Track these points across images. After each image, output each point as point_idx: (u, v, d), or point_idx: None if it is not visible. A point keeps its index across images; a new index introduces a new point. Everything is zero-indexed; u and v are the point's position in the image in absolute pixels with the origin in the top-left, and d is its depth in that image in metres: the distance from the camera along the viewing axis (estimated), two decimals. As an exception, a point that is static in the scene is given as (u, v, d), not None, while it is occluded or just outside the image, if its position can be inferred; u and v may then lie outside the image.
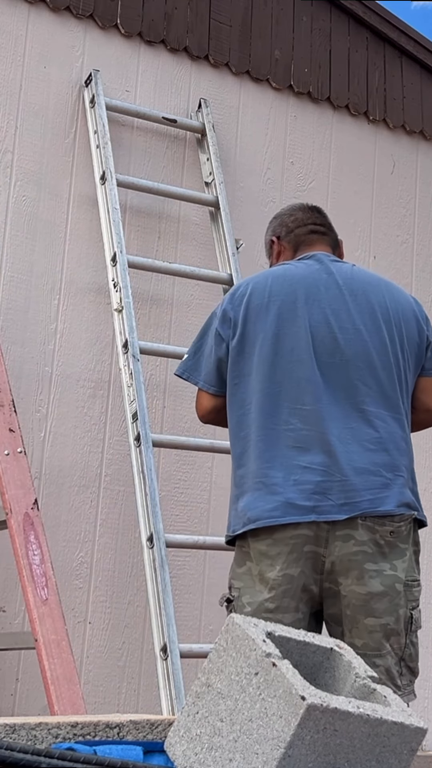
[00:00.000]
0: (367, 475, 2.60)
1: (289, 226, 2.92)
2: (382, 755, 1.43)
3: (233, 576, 2.63)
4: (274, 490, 2.56)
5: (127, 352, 3.47)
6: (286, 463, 2.57)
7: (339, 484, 2.56)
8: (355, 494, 2.56)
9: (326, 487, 2.55)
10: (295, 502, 2.54)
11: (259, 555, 2.56)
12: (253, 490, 2.58)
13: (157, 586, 3.18)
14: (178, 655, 3.10)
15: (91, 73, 3.81)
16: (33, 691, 3.35)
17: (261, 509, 2.56)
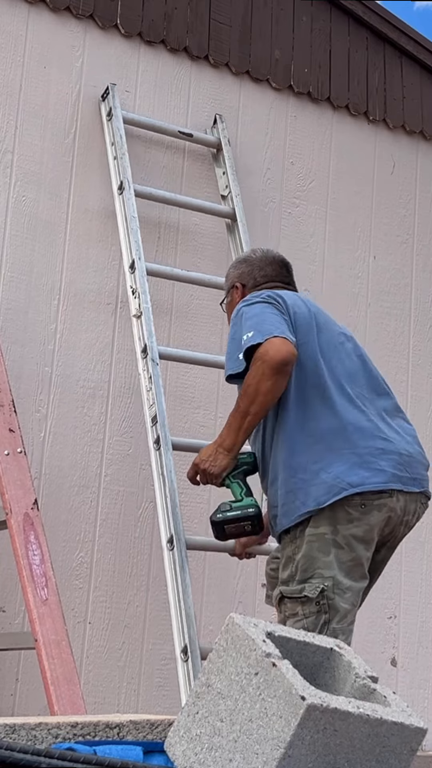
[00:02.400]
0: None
1: (257, 279, 3.01)
2: (382, 755, 1.43)
3: (320, 566, 2.66)
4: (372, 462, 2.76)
5: (146, 357, 3.48)
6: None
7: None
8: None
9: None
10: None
11: (356, 541, 2.68)
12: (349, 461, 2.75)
13: (177, 588, 3.18)
14: (199, 657, 3.09)
15: (108, 86, 3.83)
16: (33, 691, 3.35)
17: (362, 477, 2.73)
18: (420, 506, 2.87)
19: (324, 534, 2.67)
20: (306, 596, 2.65)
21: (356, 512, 2.68)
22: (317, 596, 2.64)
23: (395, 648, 4.20)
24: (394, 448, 2.79)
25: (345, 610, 2.66)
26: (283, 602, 2.71)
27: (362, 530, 2.69)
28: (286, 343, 2.66)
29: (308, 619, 2.65)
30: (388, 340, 4.42)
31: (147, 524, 3.67)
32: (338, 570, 2.66)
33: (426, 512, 4.33)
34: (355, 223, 4.41)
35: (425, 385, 4.48)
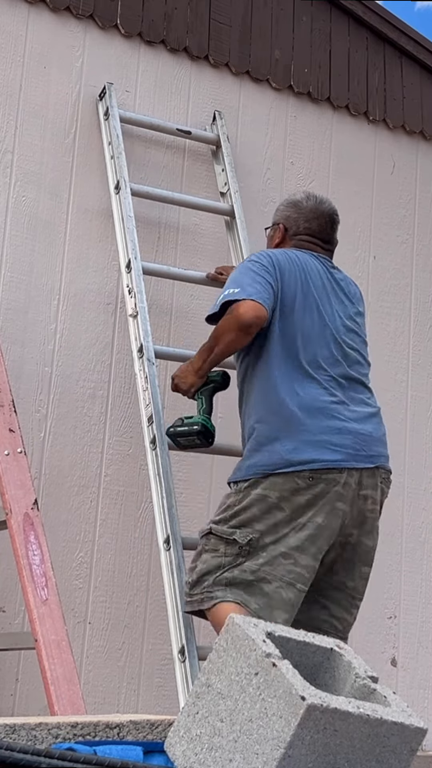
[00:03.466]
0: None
1: (299, 229, 3.23)
2: (382, 755, 1.43)
3: (255, 519, 2.88)
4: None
5: (142, 357, 3.48)
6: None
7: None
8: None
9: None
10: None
11: (297, 506, 2.87)
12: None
13: (174, 588, 3.18)
14: (196, 657, 3.09)
15: (105, 86, 3.83)
16: (33, 691, 3.35)
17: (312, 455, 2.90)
18: (382, 481, 3.05)
19: (268, 497, 2.91)
20: (234, 539, 2.90)
21: (304, 483, 2.90)
22: (244, 543, 2.89)
23: (395, 648, 4.20)
24: (352, 428, 2.98)
25: (259, 555, 2.88)
26: (208, 536, 2.96)
27: (305, 498, 2.89)
28: (259, 309, 2.91)
29: (227, 558, 2.91)
30: (388, 340, 4.42)
31: (147, 524, 3.67)
32: (268, 527, 2.89)
33: (426, 513, 4.35)
34: (355, 223, 4.41)
35: (425, 385, 4.48)
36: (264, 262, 3.04)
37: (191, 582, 2.98)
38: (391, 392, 4.38)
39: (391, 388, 4.39)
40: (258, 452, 2.95)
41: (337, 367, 3.05)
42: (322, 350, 3.04)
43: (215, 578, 2.91)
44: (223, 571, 2.91)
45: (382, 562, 4.22)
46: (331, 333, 3.07)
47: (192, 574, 2.99)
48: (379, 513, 3.07)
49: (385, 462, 3.07)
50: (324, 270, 3.17)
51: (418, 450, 4.42)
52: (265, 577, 2.87)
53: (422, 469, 4.42)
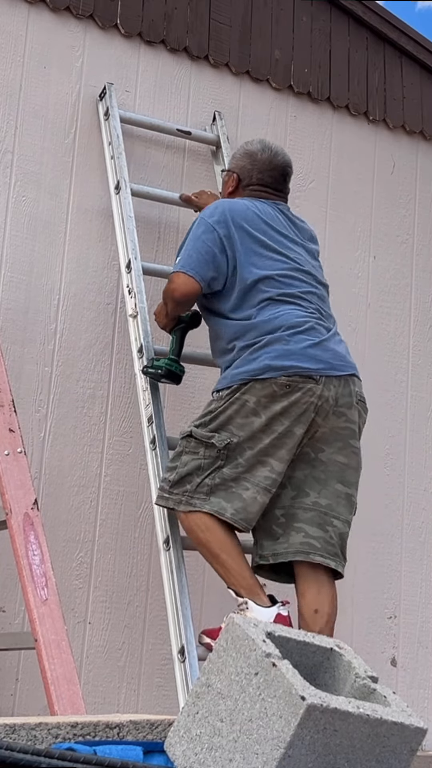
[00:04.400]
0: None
1: (252, 179, 3.41)
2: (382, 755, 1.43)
3: (232, 423, 3.05)
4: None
5: (143, 357, 3.48)
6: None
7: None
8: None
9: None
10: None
11: (273, 414, 3.02)
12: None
13: (174, 588, 3.18)
14: (196, 657, 3.09)
15: (105, 86, 3.83)
16: (33, 691, 3.34)
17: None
18: (358, 402, 3.18)
19: (246, 402, 3.07)
20: (212, 443, 3.06)
21: (281, 391, 3.05)
22: (222, 447, 3.05)
23: (395, 648, 4.20)
24: (329, 345, 3.16)
25: (238, 462, 3.04)
26: (188, 439, 3.13)
27: (282, 406, 3.04)
28: (189, 285, 3.19)
29: (206, 460, 3.07)
30: (388, 340, 4.42)
31: (147, 524, 3.67)
32: (246, 433, 3.05)
33: (426, 513, 4.35)
34: (355, 223, 4.41)
35: (425, 385, 4.48)
36: (214, 221, 3.24)
37: (171, 480, 3.12)
38: (391, 392, 4.38)
39: (391, 388, 4.39)
40: (243, 362, 3.12)
41: (312, 298, 3.24)
42: (299, 285, 3.23)
43: (197, 484, 3.06)
44: (204, 477, 3.06)
45: (382, 562, 4.23)
46: (302, 270, 3.27)
47: (172, 472, 3.13)
48: (356, 434, 3.17)
49: (358, 373, 3.24)
50: (280, 214, 3.36)
51: (418, 450, 4.42)
52: (244, 484, 3.03)
53: (422, 469, 4.42)
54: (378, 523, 4.24)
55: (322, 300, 3.30)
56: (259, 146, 3.45)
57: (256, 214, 3.29)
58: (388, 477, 4.31)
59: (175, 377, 3.40)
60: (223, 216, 3.25)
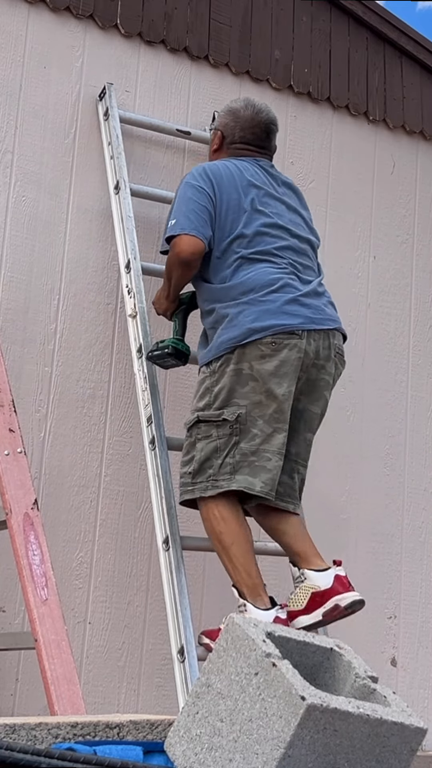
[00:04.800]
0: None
1: (235, 137, 3.45)
2: (382, 755, 1.43)
3: (236, 394, 3.09)
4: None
5: (142, 357, 3.48)
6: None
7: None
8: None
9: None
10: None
11: (267, 375, 3.06)
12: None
13: (173, 589, 3.18)
14: (196, 657, 3.09)
15: (105, 86, 3.83)
16: (33, 691, 3.35)
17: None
18: (336, 355, 3.24)
19: (242, 369, 3.10)
20: (224, 419, 3.08)
21: (268, 350, 3.09)
22: (233, 420, 3.08)
23: (395, 648, 4.20)
24: (307, 301, 3.19)
25: (253, 434, 3.07)
26: (197, 426, 3.14)
27: (273, 365, 3.08)
28: (194, 244, 3.18)
29: (221, 440, 3.09)
30: (388, 340, 4.42)
31: (147, 524, 3.67)
32: (251, 400, 3.08)
33: (426, 513, 4.35)
34: (355, 223, 4.41)
35: (425, 385, 4.49)
36: (199, 183, 3.27)
37: (193, 471, 3.12)
38: (391, 392, 4.38)
39: (391, 388, 4.39)
40: (225, 330, 3.15)
41: (287, 253, 3.26)
42: (273, 241, 3.25)
43: (219, 465, 3.08)
44: (224, 456, 3.08)
45: (382, 562, 4.23)
46: (277, 225, 3.28)
47: (190, 464, 3.14)
48: (330, 386, 3.26)
49: (340, 327, 3.28)
50: (260, 170, 3.38)
51: (418, 450, 4.42)
52: (265, 455, 3.07)
53: (422, 469, 4.42)
54: (378, 523, 4.24)
55: (299, 253, 3.30)
56: (243, 103, 3.51)
57: (234, 175, 3.32)
58: (388, 477, 4.31)
59: (182, 356, 3.42)
60: (206, 177, 3.29)
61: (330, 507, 4.07)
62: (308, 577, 3.06)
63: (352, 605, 3.04)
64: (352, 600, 3.03)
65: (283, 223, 3.31)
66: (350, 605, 3.03)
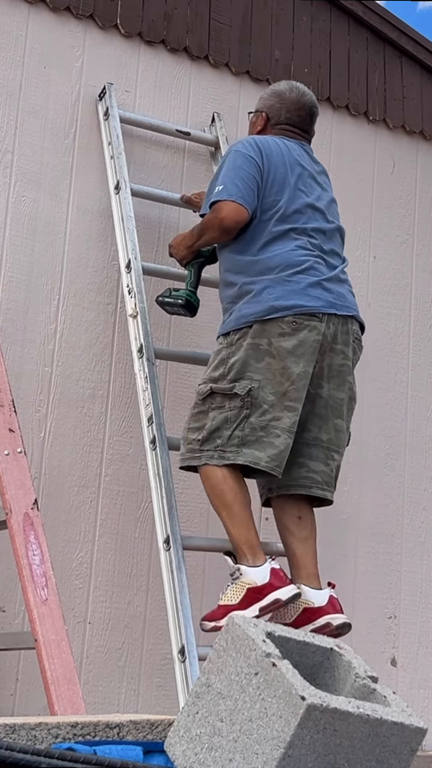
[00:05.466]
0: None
1: (280, 118, 3.47)
2: (382, 755, 1.43)
3: (251, 369, 3.11)
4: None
5: (142, 357, 3.48)
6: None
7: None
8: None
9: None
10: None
11: (285, 352, 3.09)
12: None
13: (174, 588, 3.18)
14: (196, 657, 3.09)
15: (105, 86, 3.83)
16: (33, 691, 3.35)
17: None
18: (354, 340, 3.27)
19: (259, 345, 3.12)
20: (235, 393, 3.10)
21: (288, 329, 3.12)
22: (244, 394, 3.09)
23: (395, 648, 4.20)
24: (330, 285, 3.22)
25: (264, 409, 3.09)
26: (212, 396, 3.15)
27: (292, 344, 3.11)
28: (239, 212, 3.19)
29: (232, 412, 3.11)
30: (388, 340, 4.42)
31: (147, 524, 3.67)
32: (265, 376, 3.10)
33: (426, 513, 4.35)
34: (355, 223, 4.41)
35: (425, 385, 4.49)
36: (250, 152, 3.28)
37: (202, 439, 3.15)
38: (391, 392, 4.38)
39: (391, 388, 4.39)
40: (247, 304, 3.17)
41: (319, 236, 3.30)
42: (308, 221, 3.29)
43: (228, 437, 3.10)
44: (234, 428, 3.11)
45: (382, 562, 4.23)
46: (314, 207, 3.33)
47: (200, 431, 3.16)
48: (351, 370, 3.27)
49: (358, 315, 3.31)
50: (306, 155, 3.43)
51: (418, 450, 4.42)
52: (274, 431, 3.08)
53: (422, 469, 4.42)
54: (378, 523, 4.24)
55: (329, 238, 3.34)
56: (287, 86, 3.52)
57: (282, 150, 3.34)
58: (388, 477, 4.31)
59: (192, 309, 3.48)
60: (256, 147, 3.30)
61: (330, 507, 4.07)
62: (304, 593, 3.12)
63: (342, 627, 3.12)
64: (342, 622, 3.13)
65: (321, 206, 3.36)
66: (341, 626, 3.12)
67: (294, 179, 3.31)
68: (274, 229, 3.23)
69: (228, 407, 3.12)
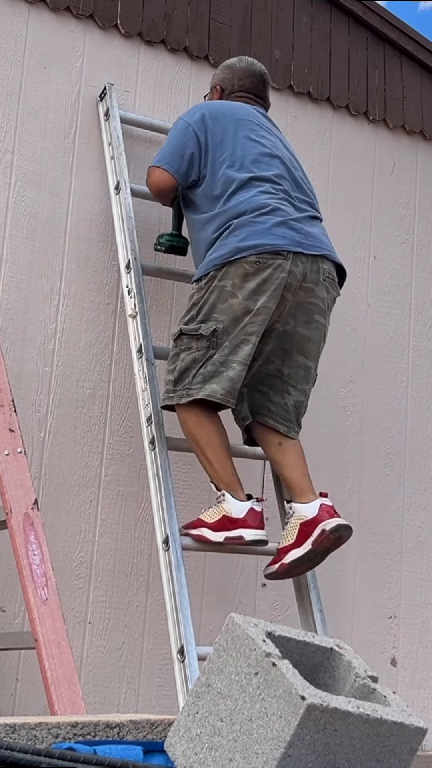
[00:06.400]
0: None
1: (234, 87, 3.65)
2: (382, 755, 1.43)
3: (215, 310, 3.23)
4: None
5: (142, 357, 3.49)
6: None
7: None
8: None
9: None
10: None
11: (249, 293, 3.20)
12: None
13: (173, 588, 3.18)
14: (196, 657, 3.09)
15: (105, 86, 3.83)
16: (33, 691, 3.35)
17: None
18: (326, 279, 3.34)
19: (224, 287, 3.23)
20: (201, 334, 3.24)
21: (252, 269, 3.21)
22: (209, 335, 3.22)
23: (395, 648, 4.20)
24: (298, 226, 3.30)
25: (224, 346, 3.21)
26: (181, 338, 3.30)
27: (256, 283, 3.20)
28: (162, 175, 3.43)
29: (199, 352, 3.25)
30: (388, 340, 4.42)
31: (147, 524, 3.67)
32: (229, 316, 3.21)
33: (426, 513, 4.35)
34: (355, 223, 4.41)
35: (425, 385, 4.49)
36: (189, 120, 3.47)
37: (173, 379, 3.30)
38: (391, 392, 4.38)
39: (391, 388, 4.39)
40: (215, 249, 3.29)
41: (283, 182, 3.39)
42: (268, 168, 3.38)
43: (194, 375, 3.25)
44: (199, 367, 3.25)
45: (382, 562, 4.23)
46: (271, 155, 3.42)
47: (173, 372, 3.30)
48: (322, 310, 3.35)
49: (331, 255, 3.38)
50: (262, 115, 3.57)
51: (418, 450, 4.42)
52: (231, 365, 3.21)
53: (422, 469, 4.42)
54: (378, 523, 4.24)
55: (296, 187, 3.43)
56: (236, 59, 3.72)
57: (232, 109, 3.51)
58: (388, 477, 4.31)
59: (179, 250, 3.62)
60: (199, 113, 3.47)
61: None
62: (296, 510, 3.22)
63: (338, 529, 3.15)
64: (337, 524, 3.16)
65: (281, 155, 3.44)
66: (335, 529, 3.15)
67: (246, 132, 3.43)
68: (235, 179, 3.33)
69: (195, 348, 3.26)
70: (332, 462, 4.14)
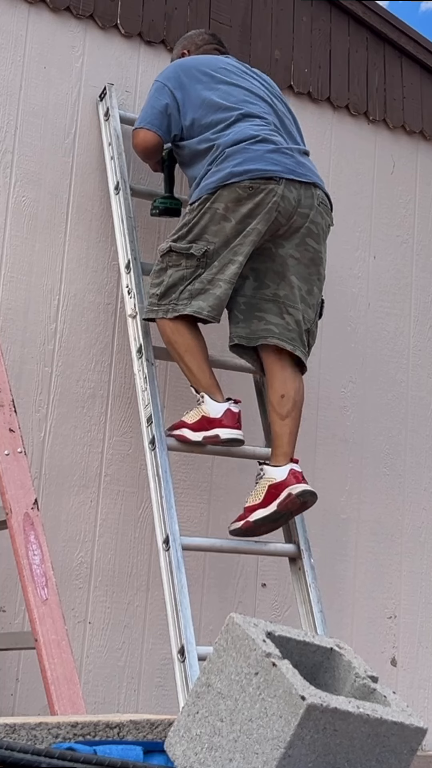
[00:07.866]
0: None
1: (197, 43, 3.81)
2: (382, 755, 1.43)
3: (207, 231, 3.33)
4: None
5: (142, 357, 3.49)
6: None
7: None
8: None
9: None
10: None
11: (241, 216, 3.30)
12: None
13: (173, 588, 3.18)
14: (196, 657, 3.09)
15: (105, 86, 3.84)
16: (33, 691, 3.35)
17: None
18: (320, 204, 3.43)
19: (217, 209, 3.34)
20: (192, 253, 3.35)
21: (245, 193, 3.32)
22: (200, 255, 3.34)
23: (395, 648, 4.20)
24: (290, 154, 3.41)
25: (216, 267, 3.33)
26: (169, 254, 3.40)
27: (248, 208, 3.31)
28: (146, 134, 3.54)
29: (188, 270, 3.36)
30: (388, 340, 4.42)
31: (147, 524, 3.67)
32: (220, 238, 3.33)
33: (426, 513, 4.35)
34: (355, 223, 4.41)
35: (425, 385, 4.49)
36: (162, 79, 3.59)
37: (160, 294, 3.39)
38: (391, 392, 4.38)
39: (391, 388, 4.39)
40: (210, 174, 3.39)
41: (272, 117, 3.51)
42: (254, 105, 3.49)
43: (181, 292, 3.35)
44: (187, 284, 3.35)
45: (382, 562, 4.23)
46: (255, 93, 3.54)
47: (159, 287, 3.39)
48: (316, 235, 3.43)
49: (322, 185, 3.48)
50: (236, 61, 3.71)
51: (418, 450, 4.42)
52: (219, 283, 3.32)
53: (422, 469, 4.42)
54: (378, 523, 4.24)
55: (284, 123, 3.55)
56: (186, 34, 3.87)
57: (206, 61, 3.63)
58: (388, 477, 4.31)
59: (172, 212, 3.71)
60: (173, 71, 3.59)
61: (330, 507, 4.07)
62: (266, 472, 3.30)
63: (303, 494, 3.25)
64: (303, 489, 3.26)
65: (263, 95, 3.56)
66: (301, 494, 3.24)
67: (223, 76, 3.55)
68: (224, 118, 3.43)
69: (184, 266, 3.36)
70: (332, 462, 4.14)
